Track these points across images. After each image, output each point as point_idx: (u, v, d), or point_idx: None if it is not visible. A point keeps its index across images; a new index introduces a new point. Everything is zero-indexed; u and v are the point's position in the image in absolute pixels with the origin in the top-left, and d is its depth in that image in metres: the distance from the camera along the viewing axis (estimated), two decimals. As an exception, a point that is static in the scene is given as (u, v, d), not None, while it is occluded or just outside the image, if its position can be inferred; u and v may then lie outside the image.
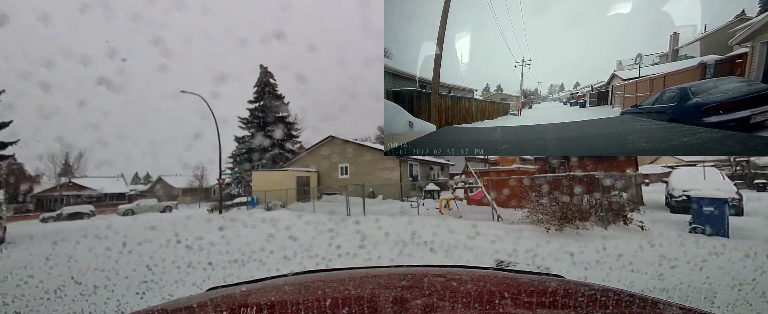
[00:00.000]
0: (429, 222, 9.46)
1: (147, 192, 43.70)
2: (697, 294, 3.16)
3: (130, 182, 47.93)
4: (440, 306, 0.98)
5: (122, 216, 25.61)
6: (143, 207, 28.22)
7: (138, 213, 26.69)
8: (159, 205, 29.28)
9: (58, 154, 38.76)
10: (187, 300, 1.15)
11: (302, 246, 7.00)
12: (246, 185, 39.53)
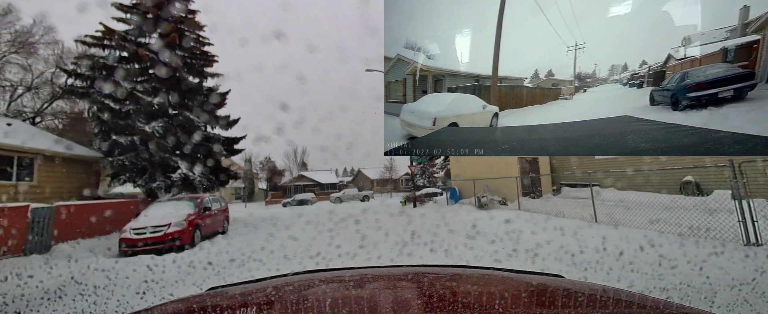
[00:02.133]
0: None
1: (351, 183, 50.45)
2: (697, 294, 3.16)
3: (340, 174, 58.55)
4: (440, 306, 0.98)
5: (333, 203, 30.14)
6: (348, 195, 32.52)
7: (344, 201, 31.29)
8: (359, 194, 33.00)
9: (290, 153, 51.50)
10: (187, 300, 1.15)
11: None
12: (430, 175, 40.05)
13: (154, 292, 4.38)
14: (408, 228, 9.05)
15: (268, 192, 43.65)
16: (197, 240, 8.40)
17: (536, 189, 13.28)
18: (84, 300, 4.14)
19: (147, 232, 7.60)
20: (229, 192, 41.73)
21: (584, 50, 4.04)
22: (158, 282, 4.92)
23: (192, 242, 8.06)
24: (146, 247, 7.36)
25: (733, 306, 2.83)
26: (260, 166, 45.36)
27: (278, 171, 46.33)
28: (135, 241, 7.43)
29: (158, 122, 12.12)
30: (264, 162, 45.33)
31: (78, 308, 3.85)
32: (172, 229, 7.75)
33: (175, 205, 9.03)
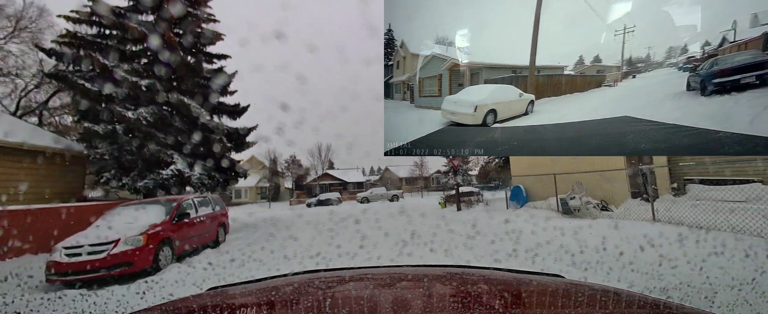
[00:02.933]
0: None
1: (378, 182, 47.44)
2: (697, 294, 3.16)
3: (367, 173, 55.06)
4: (440, 306, 0.98)
5: (360, 204, 27.62)
6: (375, 195, 29.79)
7: (372, 201, 28.69)
8: (387, 193, 30.39)
9: (314, 150, 47.82)
10: (187, 300, 1.15)
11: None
12: (465, 173, 38.74)
13: (154, 292, 4.38)
14: (408, 228, 9.06)
15: (293, 191, 42.75)
16: (165, 261, 5.86)
17: (649, 187, 8.12)
18: (84, 300, 4.14)
19: (83, 254, 5.13)
20: (254, 192, 41.62)
21: (634, 34, 3.90)
22: (158, 282, 4.92)
23: (155, 265, 5.59)
24: (80, 276, 4.96)
25: (733, 306, 2.83)
26: (285, 165, 44.17)
27: (303, 170, 45.10)
28: (64, 268, 4.98)
29: (147, 108, 10.16)
30: (289, 161, 44.19)
31: (78, 308, 3.85)
32: (119, 249, 5.24)
33: (137, 212, 6.46)
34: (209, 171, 11.68)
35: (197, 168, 11.14)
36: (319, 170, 46.46)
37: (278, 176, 43.06)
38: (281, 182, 44.23)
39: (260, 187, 41.74)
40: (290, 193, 42.76)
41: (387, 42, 4.28)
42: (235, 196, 41.24)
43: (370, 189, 33.19)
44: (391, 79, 4.67)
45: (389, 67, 4.48)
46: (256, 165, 42.00)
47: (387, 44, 4.31)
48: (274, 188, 41.63)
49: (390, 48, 4.37)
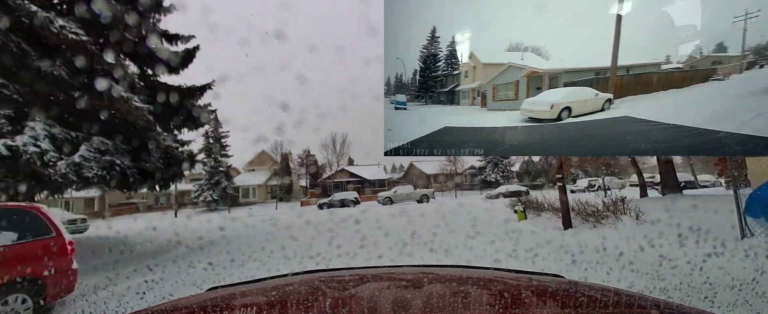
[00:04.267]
0: None
1: (402, 180, 41.98)
2: (697, 294, 3.16)
3: (389, 171, 48.52)
4: (440, 306, 0.98)
5: (382, 205, 23.78)
6: (401, 195, 25.23)
7: (396, 202, 24.30)
8: (415, 193, 25.60)
9: (328, 143, 42.07)
10: (187, 300, 1.15)
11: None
12: (505, 168, 34.53)
13: (154, 292, 4.38)
14: (408, 228, 9.05)
15: (307, 190, 39.05)
16: None
17: None
18: (84, 300, 4.14)
19: None
20: (264, 191, 37.35)
21: (757, 19, 3.40)
22: (158, 282, 4.92)
23: None
24: None
25: (733, 306, 2.83)
26: (299, 161, 39.74)
27: (318, 167, 40.56)
28: None
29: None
30: (303, 157, 39.40)
31: (78, 308, 3.85)
32: None
33: None
34: (117, 156, 6.85)
35: (87, 151, 6.43)
36: (335, 166, 41.39)
37: (290, 173, 39.00)
38: (294, 180, 40.02)
39: (271, 186, 38.10)
40: (304, 192, 39.25)
41: (449, 53, 4.34)
42: (242, 195, 37.88)
43: (394, 187, 27.88)
44: (457, 86, 4.82)
45: (455, 76, 4.63)
46: (266, 161, 39.43)
47: (450, 55, 4.37)
48: (286, 186, 37.76)
49: (453, 59, 4.44)
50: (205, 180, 33.45)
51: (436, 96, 4.65)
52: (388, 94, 4.38)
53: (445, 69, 4.50)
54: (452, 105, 4.81)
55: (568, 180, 31.95)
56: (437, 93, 4.61)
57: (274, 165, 38.68)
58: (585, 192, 24.24)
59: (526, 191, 23.75)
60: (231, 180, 34.94)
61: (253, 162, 41.12)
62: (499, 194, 25.02)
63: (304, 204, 31.81)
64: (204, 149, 32.60)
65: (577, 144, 4.06)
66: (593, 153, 3.90)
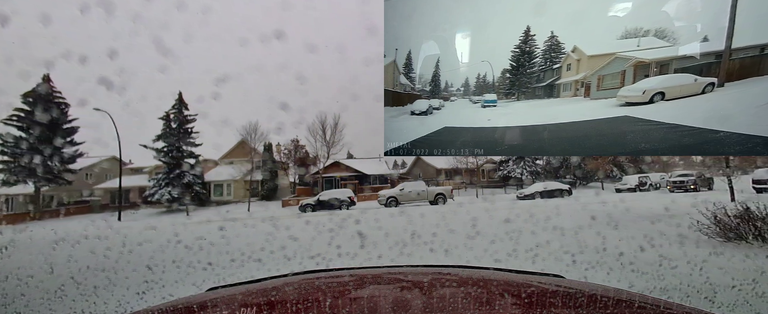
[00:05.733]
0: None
1: (407, 176, 36.41)
2: (697, 294, 3.16)
3: (391, 166, 38.95)
4: (440, 306, 0.98)
5: (385, 207, 18.64)
6: (409, 193, 19.81)
7: (403, 202, 19.20)
8: (428, 191, 20.00)
9: (316, 128, 32.07)
10: (187, 300, 1.15)
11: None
12: (532, 162, 29.10)
13: (154, 292, 4.38)
14: (408, 228, 9.05)
15: (295, 186, 33.16)
16: None
17: None
18: (84, 300, 4.14)
19: None
20: (241, 188, 30.27)
21: None
22: (158, 282, 4.91)
23: None
24: None
25: (733, 307, 2.83)
26: (286, 153, 32.65)
27: (309, 159, 33.32)
28: None
29: None
30: (290, 147, 32.41)
31: (78, 308, 3.85)
32: None
33: None
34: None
35: None
36: (326, 158, 32.98)
37: (275, 167, 32.30)
38: (281, 175, 33.38)
39: (251, 181, 31.27)
40: (292, 189, 33.24)
41: (550, 47, 4.38)
42: (214, 193, 31.29)
43: (401, 184, 21.17)
44: (557, 79, 4.87)
45: (555, 69, 4.69)
46: (246, 152, 31.51)
47: (552, 48, 4.41)
48: (270, 184, 31.68)
49: (555, 52, 4.50)
50: (162, 174, 27.49)
51: (532, 91, 4.72)
52: (467, 94, 4.47)
53: (541, 64, 4.56)
54: (550, 98, 4.89)
55: (613, 176, 28.33)
56: (533, 88, 4.69)
57: (255, 156, 32.00)
58: (636, 192, 21.87)
59: (569, 190, 21.08)
60: (200, 174, 29.33)
61: (231, 153, 34.23)
62: (536, 193, 20.94)
63: (287, 205, 26.19)
64: (161, 135, 27.67)
65: (577, 144, 4.07)
66: (593, 153, 3.91)
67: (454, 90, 4.47)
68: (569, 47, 4.44)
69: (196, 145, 29.83)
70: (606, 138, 3.96)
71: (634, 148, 3.69)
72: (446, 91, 4.58)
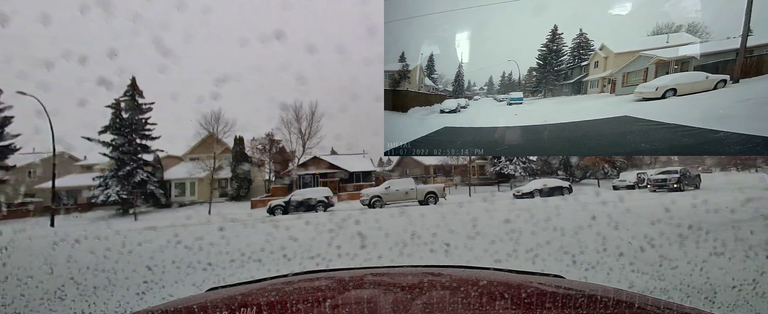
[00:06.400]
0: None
1: (393, 172, 33.71)
2: (697, 294, 3.16)
3: (376, 164, 35.63)
4: (440, 306, 0.98)
5: (369, 207, 16.76)
6: (396, 192, 17.30)
7: (389, 202, 17.05)
8: (418, 190, 17.59)
9: (289, 118, 28.29)
10: (187, 300, 1.15)
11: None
12: (526, 160, 26.92)
13: (154, 292, 4.38)
14: (408, 228, 9.05)
15: (269, 185, 29.54)
16: None
17: None
18: (84, 301, 4.13)
19: None
20: (206, 187, 26.26)
21: None
22: (158, 282, 4.91)
23: None
24: None
25: (733, 306, 2.83)
26: (260, 149, 28.77)
27: (285, 155, 29.71)
28: None
29: None
30: (265, 142, 28.56)
31: (78, 308, 3.84)
32: None
33: None
34: None
35: None
36: (302, 152, 28.75)
37: (247, 164, 28.34)
38: (256, 172, 29.66)
39: (220, 180, 27.97)
40: (267, 187, 29.41)
41: (578, 44, 4.49)
42: (175, 193, 27.58)
43: (387, 182, 18.89)
44: (585, 76, 5.00)
45: (583, 67, 4.83)
46: (214, 146, 28.05)
47: (581, 46, 4.52)
48: (242, 181, 27.82)
49: (583, 49, 4.61)
50: (110, 172, 23.83)
51: (559, 88, 4.83)
52: (491, 93, 4.55)
53: (569, 62, 4.68)
54: (578, 95, 5.01)
55: (609, 173, 27.01)
56: (560, 85, 4.80)
57: (225, 151, 28.66)
58: (635, 189, 20.44)
59: (570, 187, 19.77)
60: (157, 171, 26.02)
61: (198, 148, 29.44)
62: (535, 191, 19.56)
63: (257, 206, 22.84)
64: (109, 126, 24.19)
65: (577, 144, 4.07)
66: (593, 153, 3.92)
67: (476, 89, 4.60)
68: (598, 44, 4.57)
69: (152, 139, 25.87)
70: (606, 138, 3.96)
71: (634, 147, 3.69)
72: (469, 91, 4.68)
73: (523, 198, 19.44)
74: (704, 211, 8.71)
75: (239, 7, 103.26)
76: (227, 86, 73.62)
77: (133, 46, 78.99)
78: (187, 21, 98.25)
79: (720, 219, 6.53)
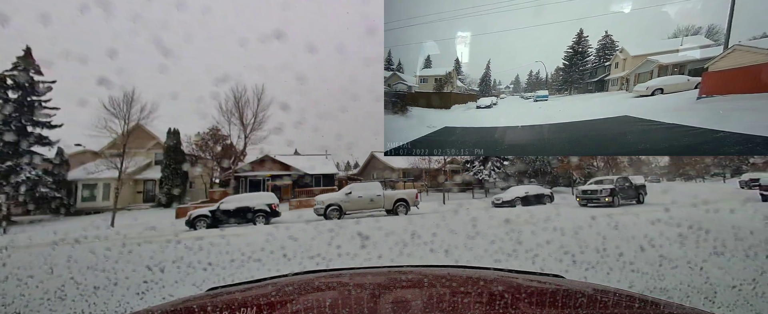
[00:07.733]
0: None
1: (360, 176, 30.41)
2: (697, 294, 3.16)
3: (342, 167, 31.23)
4: (440, 306, 0.98)
5: (325, 218, 13.92)
6: (359, 200, 14.57)
7: (349, 211, 14.48)
8: (386, 196, 14.80)
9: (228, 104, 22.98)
10: (187, 300, 1.15)
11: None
12: (500, 166, 24.19)
13: (154, 292, 4.38)
14: (408, 228, 9.05)
15: (208, 187, 24.53)
16: None
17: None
18: (84, 301, 4.14)
19: None
20: (130, 189, 22.31)
21: None
22: (158, 282, 4.91)
23: None
24: None
25: (733, 306, 2.83)
26: (200, 144, 23.28)
27: (232, 152, 23.85)
28: None
29: None
30: (207, 137, 23.02)
31: (78, 308, 3.85)
32: None
33: None
34: None
35: None
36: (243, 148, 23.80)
37: (182, 161, 22.93)
38: (192, 172, 23.98)
39: (145, 180, 23.11)
40: (206, 191, 24.50)
41: (604, 45, 4.83)
42: (82, 197, 21.63)
43: (348, 186, 15.78)
44: (607, 76, 5.36)
45: (606, 66, 5.22)
46: (144, 140, 23.17)
47: (606, 47, 4.87)
48: (174, 183, 22.34)
49: (608, 50, 4.96)
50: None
51: (584, 86, 5.23)
52: (517, 91, 4.81)
53: (594, 61, 5.05)
54: (600, 92, 5.41)
55: (580, 179, 25.53)
56: (585, 83, 5.22)
57: (155, 147, 23.55)
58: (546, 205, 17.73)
59: (551, 194, 18.47)
60: (55, 169, 20.26)
61: (120, 143, 21.61)
62: (516, 199, 17.76)
63: (183, 214, 16.71)
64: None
65: (577, 144, 4.06)
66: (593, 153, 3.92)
67: (502, 87, 4.88)
68: (622, 45, 4.91)
69: (51, 127, 19.76)
70: (606, 138, 3.96)
71: (634, 147, 3.69)
72: (495, 89, 4.99)
73: (503, 206, 17.36)
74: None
75: (239, 7, 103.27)
76: (227, 86, 73.62)
77: (133, 46, 79.05)
78: (187, 21, 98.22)
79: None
